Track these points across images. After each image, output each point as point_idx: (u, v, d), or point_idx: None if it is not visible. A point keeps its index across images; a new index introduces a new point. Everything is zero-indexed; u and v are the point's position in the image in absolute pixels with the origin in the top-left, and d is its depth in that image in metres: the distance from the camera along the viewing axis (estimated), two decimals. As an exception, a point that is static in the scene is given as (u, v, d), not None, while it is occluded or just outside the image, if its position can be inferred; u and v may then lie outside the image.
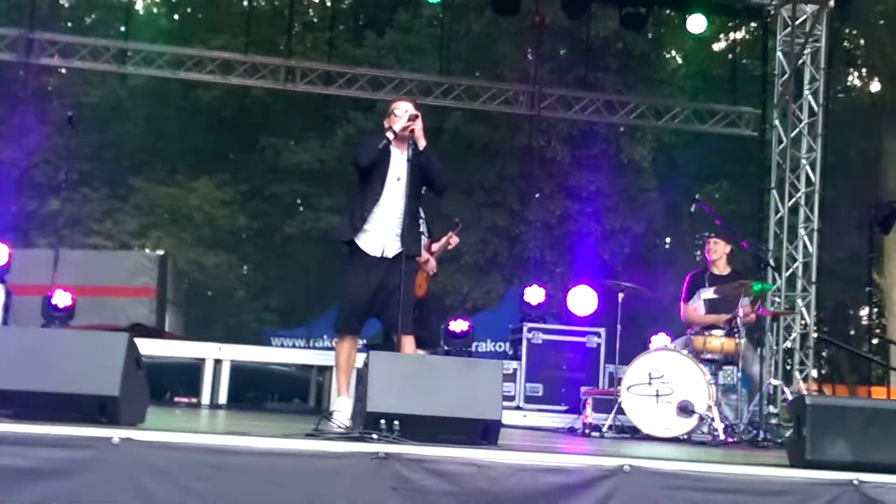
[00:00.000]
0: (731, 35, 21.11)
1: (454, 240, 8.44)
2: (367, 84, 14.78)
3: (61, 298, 10.12)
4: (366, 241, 6.50)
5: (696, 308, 9.16)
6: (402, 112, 6.50)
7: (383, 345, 8.30)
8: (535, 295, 11.59)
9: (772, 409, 8.54)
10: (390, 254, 6.35)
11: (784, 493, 4.57)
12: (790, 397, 9.07)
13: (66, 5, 24.52)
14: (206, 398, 9.73)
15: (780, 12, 13.11)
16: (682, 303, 9.37)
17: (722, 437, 7.88)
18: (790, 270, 12.61)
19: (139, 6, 24.37)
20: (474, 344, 11.49)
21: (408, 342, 6.46)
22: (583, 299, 11.68)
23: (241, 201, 22.14)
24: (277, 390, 11.30)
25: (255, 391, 10.94)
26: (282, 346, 16.88)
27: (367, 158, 6.46)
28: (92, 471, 4.13)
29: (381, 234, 6.45)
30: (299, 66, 14.57)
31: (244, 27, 17.36)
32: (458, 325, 10.69)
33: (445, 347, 10.44)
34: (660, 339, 9.92)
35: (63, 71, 20.83)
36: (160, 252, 17.83)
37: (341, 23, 22.63)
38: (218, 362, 9.84)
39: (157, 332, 12.62)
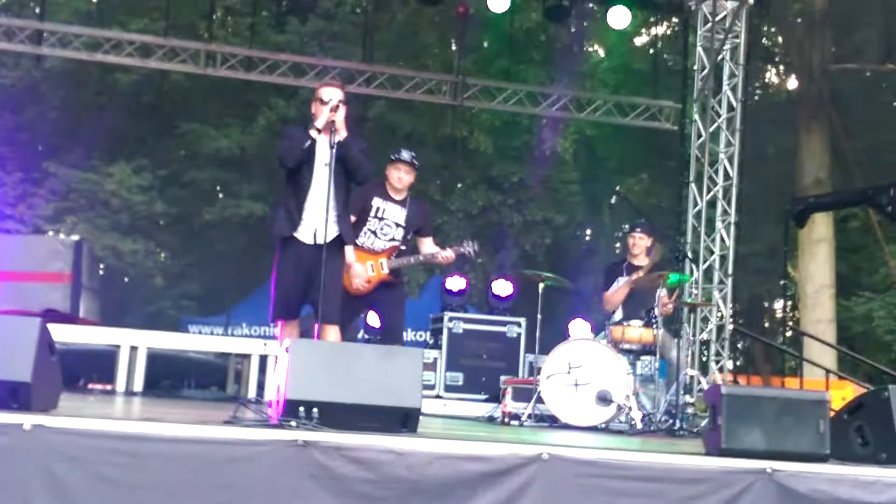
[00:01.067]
0: (653, 30, 21.34)
1: (444, 256, 8.05)
2: (289, 70, 14.66)
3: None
4: (299, 229, 6.47)
5: (613, 292, 9.26)
6: (328, 97, 6.47)
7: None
8: (456, 283, 11.62)
9: (688, 398, 8.66)
10: (321, 240, 6.26)
11: (700, 481, 4.63)
12: (706, 387, 9.21)
13: (-21, -16, 23.92)
14: (121, 385, 9.58)
15: (700, 8, 13.24)
16: (603, 293, 9.46)
17: (639, 426, 7.98)
18: (707, 263, 12.76)
19: (56, -14, 23.86)
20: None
21: (331, 331, 6.42)
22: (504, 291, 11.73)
23: (160, 187, 21.78)
24: (195, 378, 11.18)
25: (171, 379, 10.81)
26: (199, 333, 16.68)
27: (293, 160, 6.49)
28: (3, 457, 4.05)
29: (312, 221, 6.40)
30: (220, 50, 14.40)
31: (164, 10, 17.05)
32: (374, 320, 10.66)
33: (366, 336, 10.41)
34: (577, 325, 10.00)
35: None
36: (75, 237, 17.50)
37: (263, 8, 22.33)
38: (134, 349, 9.70)
39: (71, 318, 12.39)
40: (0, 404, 4.50)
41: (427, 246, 7.96)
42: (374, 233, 7.63)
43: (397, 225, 7.69)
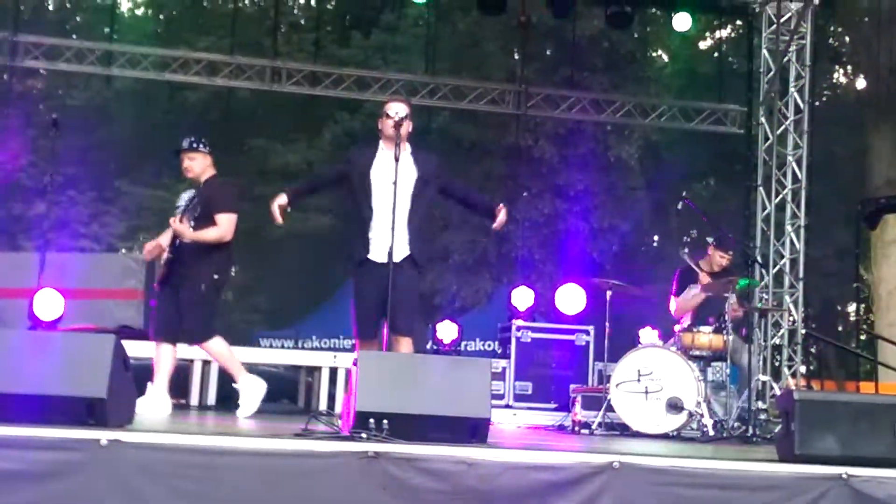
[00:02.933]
0: (717, 33, 21.14)
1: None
2: (354, 84, 14.77)
3: (50, 301, 10.08)
4: (371, 250, 6.53)
5: (686, 299, 9.16)
6: (394, 113, 6.52)
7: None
8: (523, 298, 11.61)
9: (760, 404, 8.56)
10: (395, 258, 6.29)
11: (773, 489, 4.58)
12: (779, 393, 9.10)
13: (51, 7, 24.44)
14: (194, 399, 9.70)
15: (765, 10, 13.14)
16: (672, 296, 9.38)
17: (711, 433, 7.90)
18: (777, 267, 12.63)
19: (124, 8, 24.33)
20: (463, 343, 11.49)
21: (403, 343, 6.43)
22: (571, 298, 11.69)
23: (229, 203, 22.06)
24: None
25: (243, 392, 10.89)
26: (270, 346, 16.83)
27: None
28: (81, 473, 4.12)
29: (383, 240, 6.42)
30: (285, 66, 14.55)
31: (229, 28, 17.33)
32: (447, 332, 10.69)
33: (435, 347, 10.45)
34: (647, 333, 9.92)
35: (46, 73, 20.76)
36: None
37: (327, 23, 22.61)
38: (206, 363, 9.81)
39: (144, 334, 12.56)
40: (77, 420, 4.58)
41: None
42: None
43: (185, 208, 7.71)
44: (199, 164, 7.60)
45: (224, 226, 7.42)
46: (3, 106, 14.24)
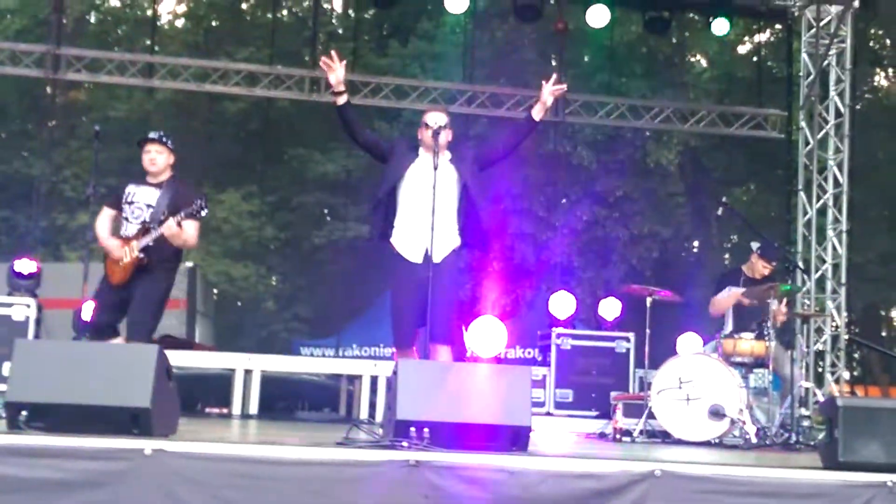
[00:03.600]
0: (756, 37, 21.02)
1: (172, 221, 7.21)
2: (392, 93, 14.81)
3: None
4: (405, 247, 6.55)
5: (722, 298, 9.06)
6: (433, 122, 6.55)
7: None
8: (563, 304, 11.58)
9: (804, 411, 8.50)
10: (435, 259, 6.32)
11: (817, 496, 4.55)
12: (822, 399, 9.03)
13: (93, 21, 24.71)
14: (237, 408, 9.76)
15: (804, 14, 13.06)
16: (712, 297, 9.30)
17: (754, 440, 7.84)
18: (819, 272, 12.54)
19: (165, 20, 24.56)
20: (503, 351, 11.48)
21: (442, 351, 6.43)
22: (611, 307, 11.64)
23: (269, 212, 22.22)
24: (308, 400, 11.33)
25: (285, 401, 10.98)
26: (311, 355, 16.92)
27: (354, 139, 6.80)
28: (125, 482, 4.18)
29: (419, 241, 6.45)
30: (324, 76, 14.59)
31: (268, 39, 17.42)
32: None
33: (474, 355, 10.44)
34: (687, 339, 9.89)
35: (88, 85, 21.01)
36: (189, 264, 17.91)
37: (365, 33, 22.67)
38: (248, 372, 9.87)
39: (187, 344, 12.67)
40: (121, 430, 4.64)
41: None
42: (127, 219, 7.40)
43: (148, 206, 7.34)
44: (163, 160, 7.44)
45: (195, 232, 7.40)
46: (47, 118, 14.40)
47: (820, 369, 12.69)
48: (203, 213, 7.20)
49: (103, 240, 7.38)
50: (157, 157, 7.44)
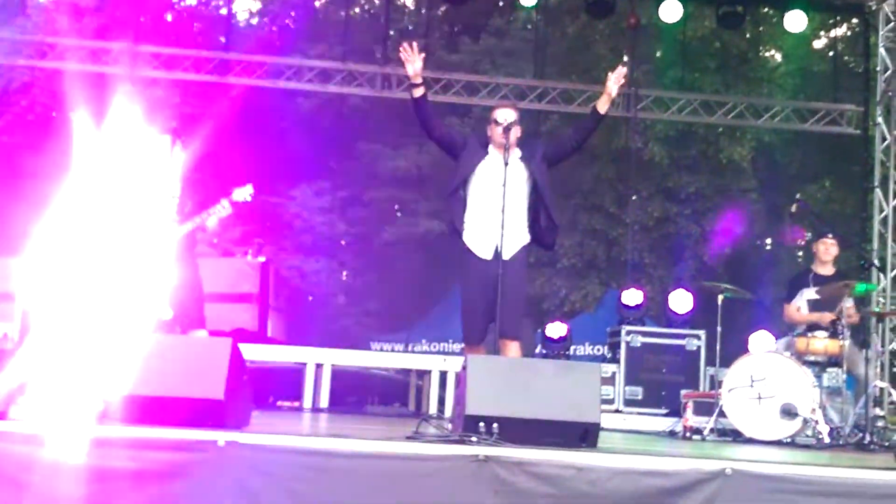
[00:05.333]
0: (832, 32, 20.70)
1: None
2: (463, 89, 14.84)
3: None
4: (475, 243, 6.58)
5: (798, 308, 9.03)
6: (503, 119, 6.57)
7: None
8: (633, 297, 11.54)
9: (878, 411, 8.36)
10: (505, 256, 6.35)
11: (892, 497, 4.50)
12: (897, 400, 8.89)
13: (169, 19, 25.07)
14: (308, 402, 9.87)
15: (881, 7, 12.85)
16: (785, 304, 9.25)
17: (827, 440, 7.75)
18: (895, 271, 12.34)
19: (239, 18, 24.84)
20: (572, 347, 11.47)
21: (511, 346, 6.44)
22: (681, 301, 11.55)
23: (340, 208, 22.41)
24: (377, 394, 11.42)
25: (355, 395, 11.07)
26: (381, 350, 17.02)
27: (428, 129, 6.84)
28: (200, 473, 4.25)
29: (489, 238, 6.47)
30: (395, 73, 14.66)
31: (341, 36, 17.55)
32: (556, 330, 10.67)
33: (543, 351, 10.45)
34: (759, 337, 9.78)
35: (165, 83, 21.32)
36: (262, 259, 18.11)
37: (436, 29, 22.76)
38: (319, 366, 9.97)
39: (259, 338, 12.83)
40: (195, 422, 4.73)
41: None
42: None
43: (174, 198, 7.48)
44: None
45: None
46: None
47: (895, 369, 12.49)
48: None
49: None
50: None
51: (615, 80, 6.77)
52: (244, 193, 7.45)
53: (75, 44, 15.25)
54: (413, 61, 6.62)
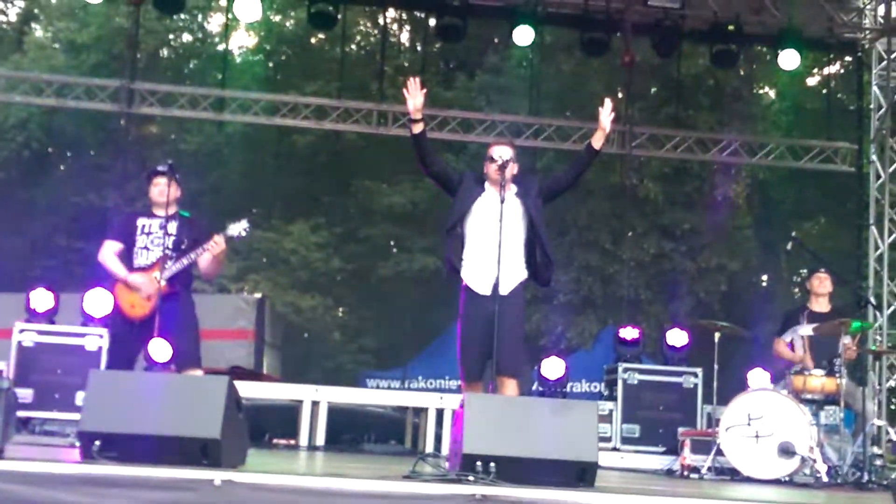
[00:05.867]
0: (825, 69, 20.81)
1: (212, 244, 7.33)
2: (459, 126, 14.90)
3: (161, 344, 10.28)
4: (473, 279, 6.58)
5: (787, 343, 9.04)
6: (498, 156, 6.59)
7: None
8: (629, 333, 11.51)
9: (876, 449, 8.35)
10: (502, 291, 6.35)
11: (890, 537, 4.48)
12: (895, 438, 8.87)
13: (166, 55, 25.19)
14: (304, 440, 9.83)
15: (874, 46, 12.96)
16: (776, 336, 9.26)
17: (825, 478, 7.72)
18: (892, 308, 12.35)
19: (235, 54, 24.94)
20: (569, 384, 11.43)
21: (509, 384, 6.42)
22: (677, 338, 11.49)
23: (336, 244, 22.40)
24: (374, 432, 11.37)
25: (351, 433, 11.02)
26: (377, 387, 16.97)
27: (428, 170, 6.87)
28: (195, 512, 4.22)
29: (487, 273, 6.46)
30: (391, 109, 14.74)
31: (337, 73, 17.63)
32: (554, 371, 10.58)
33: (540, 388, 10.42)
34: (756, 374, 9.77)
35: (161, 119, 21.39)
36: (258, 295, 18.10)
37: (432, 66, 22.84)
38: (315, 404, 9.95)
39: (255, 375, 12.80)
40: (191, 461, 4.70)
41: None
42: (147, 248, 7.36)
43: (168, 235, 7.30)
44: (173, 192, 7.38)
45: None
46: (120, 151, 14.70)
47: (893, 407, 12.48)
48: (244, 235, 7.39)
49: (125, 275, 7.32)
50: (166, 190, 7.37)
51: (605, 114, 6.79)
52: (239, 229, 7.43)
53: (72, 80, 15.32)
54: (415, 97, 6.65)
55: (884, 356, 11.69)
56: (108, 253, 7.46)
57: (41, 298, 9.86)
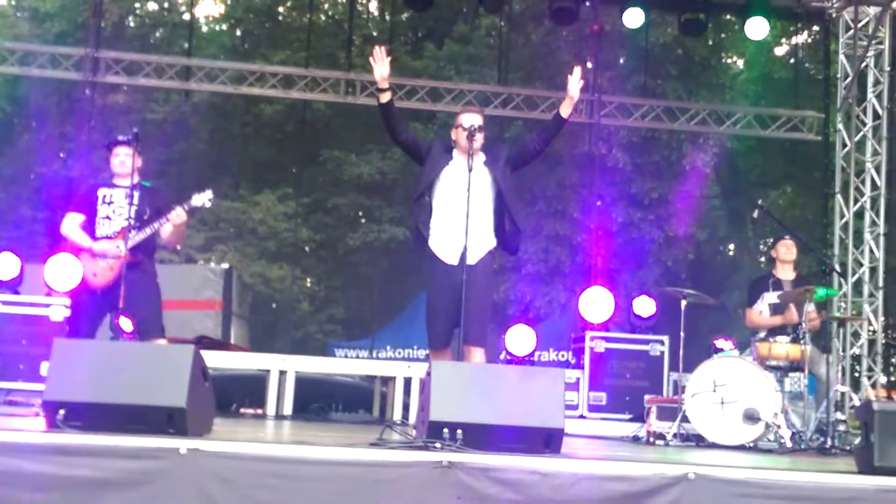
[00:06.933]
0: (793, 39, 20.89)
1: (175, 214, 7.29)
2: (427, 95, 14.84)
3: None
4: (441, 248, 6.58)
5: (759, 311, 9.09)
6: (469, 124, 6.57)
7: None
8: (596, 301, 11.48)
9: (839, 415, 8.43)
10: (470, 261, 6.36)
11: (853, 500, 4.53)
12: (858, 404, 8.96)
13: (131, 24, 24.93)
14: (271, 409, 9.81)
15: (841, 15, 12.99)
16: (746, 308, 9.31)
17: (789, 444, 7.79)
18: (856, 276, 12.45)
19: (202, 23, 24.73)
20: (536, 353, 11.45)
21: (476, 353, 6.44)
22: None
23: (304, 214, 22.34)
24: (342, 401, 11.38)
25: (319, 402, 11.03)
26: (345, 356, 16.98)
27: (395, 137, 6.92)
28: (161, 481, 4.22)
29: (454, 243, 6.48)
30: (359, 79, 14.66)
31: (305, 42, 17.52)
32: (522, 344, 10.49)
33: (508, 357, 10.43)
34: (722, 342, 9.84)
35: (127, 88, 21.20)
36: (225, 265, 18.05)
37: (400, 35, 22.76)
38: (283, 373, 9.92)
39: (222, 345, 12.76)
40: (157, 429, 4.69)
41: None
42: (108, 217, 7.35)
43: (130, 205, 7.19)
44: (132, 162, 7.25)
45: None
46: (86, 120, 14.55)
47: (856, 373, 12.61)
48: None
49: (90, 244, 7.29)
50: (126, 160, 7.33)
51: (574, 82, 6.78)
52: (203, 199, 7.39)
53: (36, 48, 15.13)
54: (381, 66, 6.62)
55: (848, 323, 11.80)
56: (71, 224, 7.43)
57: (6, 263, 9.78)
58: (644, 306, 11.30)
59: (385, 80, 6.67)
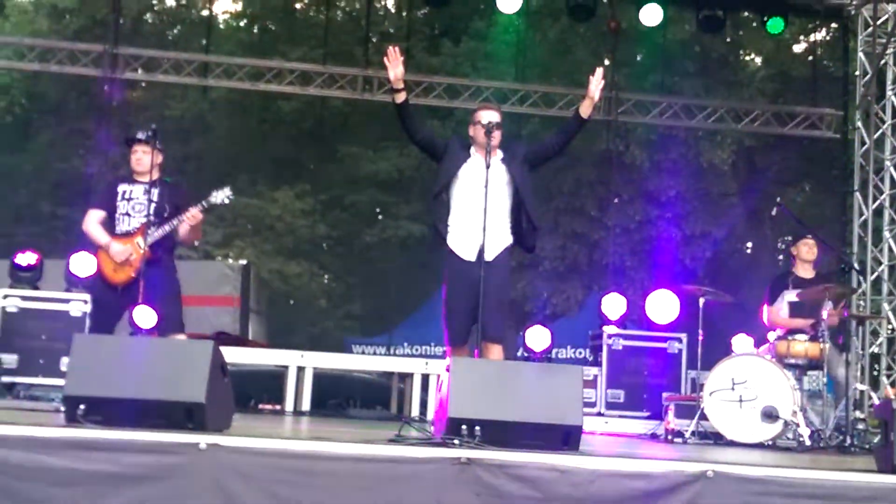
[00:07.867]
0: (811, 36, 20.79)
1: (191, 215, 7.30)
2: (444, 92, 14.85)
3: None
4: (458, 245, 6.57)
5: (779, 310, 9.06)
6: (486, 121, 6.57)
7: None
8: (614, 305, 11.46)
9: (858, 414, 8.41)
10: (487, 257, 6.36)
11: (872, 499, 4.51)
12: (877, 402, 8.92)
13: (150, 21, 25.00)
14: (289, 405, 9.83)
15: (860, 12, 12.92)
16: (765, 306, 9.27)
17: (808, 442, 7.77)
18: (875, 274, 12.40)
19: (220, 20, 24.78)
20: (554, 350, 11.45)
21: (494, 349, 6.44)
22: (663, 305, 11.49)
23: (321, 210, 22.36)
24: (359, 397, 11.37)
25: (337, 398, 11.03)
26: (363, 353, 16.99)
27: (415, 139, 6.87)
28: (180, 476, 4.24)
29: (472, 239, 6.47)
30: (376, 75, 14.65)
31: (322, 39, 17.54)
32: (539, 342, 10.47)
33: (526, 354, 10.42)
34: (740, 340, 9.81)
35: (145, 84, 21.27)
36: (243, 262, 18.08)
37: (417, 32, 22.74)
38: (301, 370, 9.94)
39: (240, 341, 12.79)
40: (177, 425, 4.71)
41: None
42: (128, 214, 7.36)
43: (150, 201, 7.27)
44: (150, 159, 7.34)
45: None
46: (104, 117, 14.61)
47: (875, 372, 12.55)
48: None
49: (106, 241, 7.33)
50: (144, 158, 7.39)
51: (595, 83, 6.77)
52: (222, 196, 7.41)
53: (55, 44, 15.19)
54: (395, 66, 6.61)
55: (867, 321, 11.76)
56: (92, 221, 7.47)
57: (26, 258, 9.85)
58: (662, 303, 11.25)
59: (399, 80, 6.65)
